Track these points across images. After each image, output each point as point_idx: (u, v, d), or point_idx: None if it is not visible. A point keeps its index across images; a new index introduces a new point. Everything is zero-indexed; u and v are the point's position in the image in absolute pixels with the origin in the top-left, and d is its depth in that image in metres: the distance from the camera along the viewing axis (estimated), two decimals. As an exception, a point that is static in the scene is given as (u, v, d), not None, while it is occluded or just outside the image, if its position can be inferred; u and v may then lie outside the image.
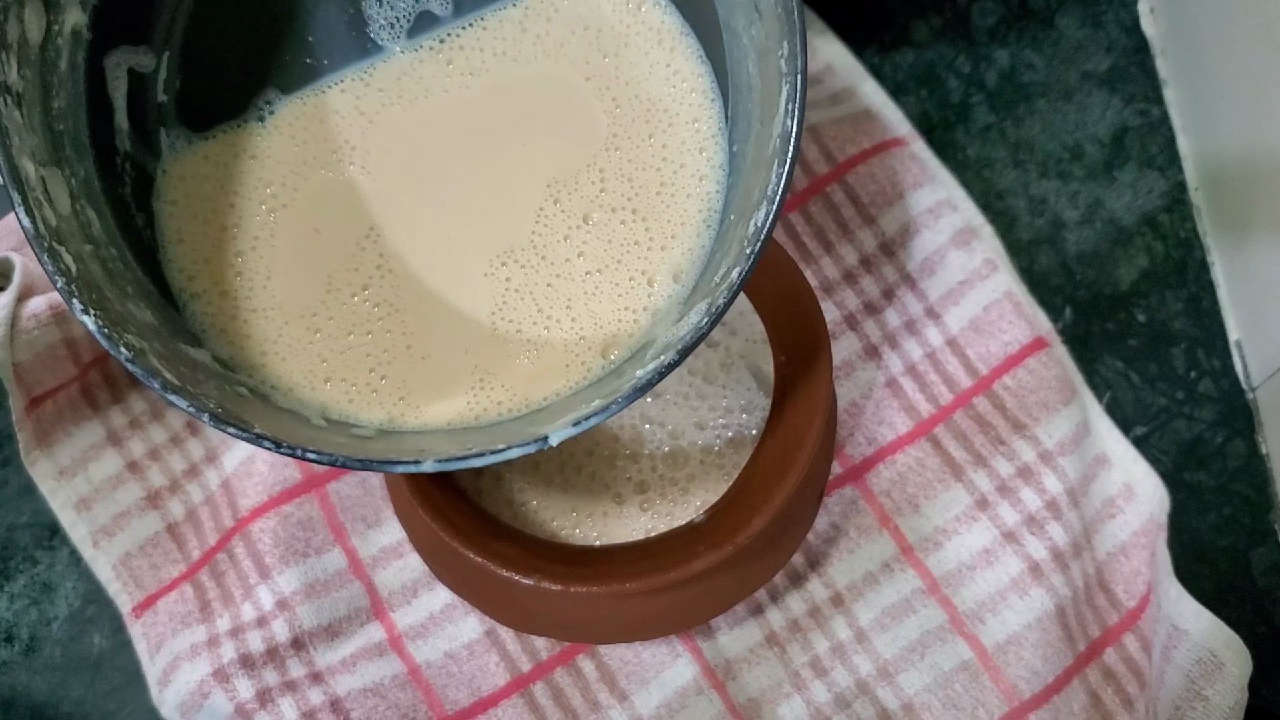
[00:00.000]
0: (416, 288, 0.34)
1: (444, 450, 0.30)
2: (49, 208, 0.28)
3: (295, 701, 0.41)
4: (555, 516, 0.39)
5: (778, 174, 0.29)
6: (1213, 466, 0.45)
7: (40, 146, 0.29)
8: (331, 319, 0.34)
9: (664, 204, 0.35)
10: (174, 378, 0.29)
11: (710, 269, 0.33)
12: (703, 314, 0.29)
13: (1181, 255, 0.48)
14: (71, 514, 0.44)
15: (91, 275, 0.29)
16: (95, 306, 0.28)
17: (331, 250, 0.35)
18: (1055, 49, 0.50)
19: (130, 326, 0.29)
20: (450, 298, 0.34)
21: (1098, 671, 0.42)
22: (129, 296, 0.31)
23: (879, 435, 0.44)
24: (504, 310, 0.34)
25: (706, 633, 0.42)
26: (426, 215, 0.35)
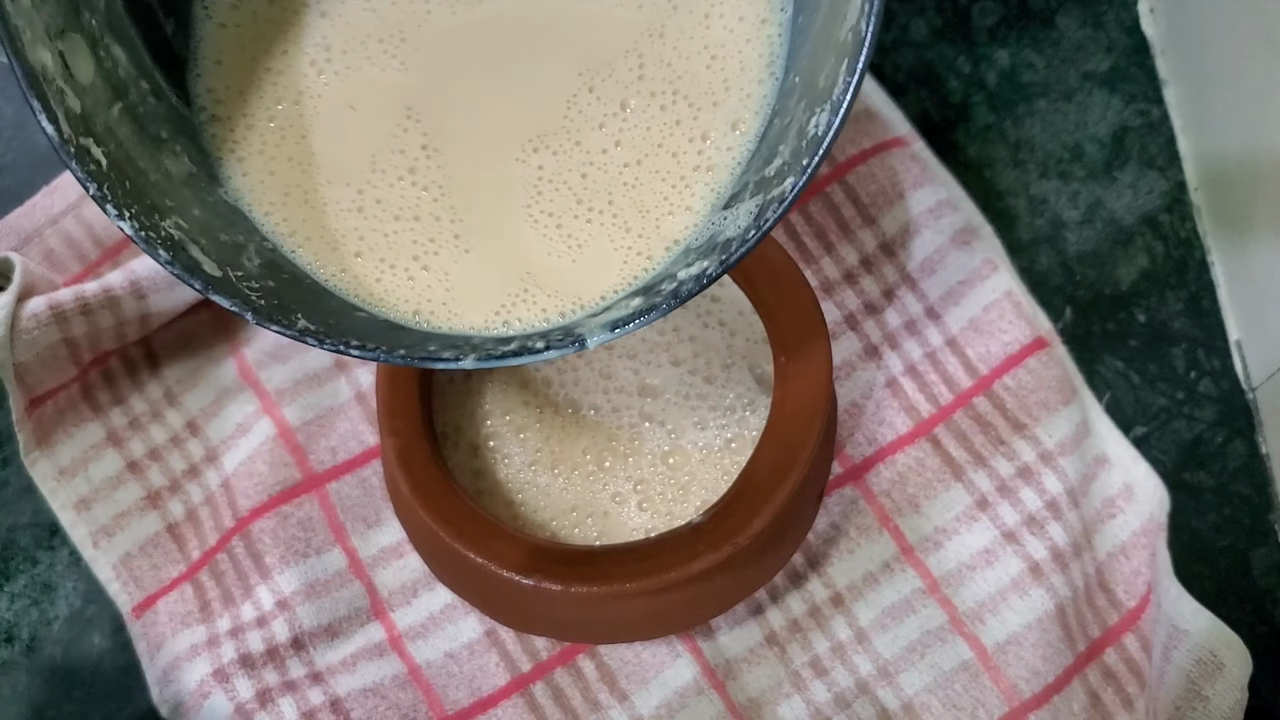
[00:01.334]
0: (462, 172, 0.33)
1: (483, 347, 0.28)
2: (71, 94, 0.27)
3: (295, 701, 0.41)
4: (555, 516, 0.39)
5: (845, 79, 0.27)
6: (1213, 467, 0.45)
7: (54, 13, 0.27)
8: (379, 201, 0.32)
9: (716, 69, 0.33)
10: (214, 268, 0.28)
11: (766, 145, 0.31)
12: (750, 221, 0.28)
13: (1182, 255, 0.48)
14: (72, 514, 0.44)
15: (123, 156, 0.28)
16: (130, 200, 0.27)
17: (373, 128, 0.33)
18: (1055, 49, 0.50)
19: (166, 211, 0.28)
20: (489, 187, 0.33)
21: (1098, 671, 0.42)
22: (163, 144, 0.30)
23: (879, 435, 0.44)
24: (540, 201, 0.32)
25: (706, 633, 0.42)
26: (465, 98, 0.33)
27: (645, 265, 0.32)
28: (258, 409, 0.44)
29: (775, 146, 0.30)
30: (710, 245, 0.30)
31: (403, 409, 0.37)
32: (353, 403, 0.44)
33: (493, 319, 0.32)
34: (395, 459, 0.36)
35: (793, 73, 0.31)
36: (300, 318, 0.28)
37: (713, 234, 0.30)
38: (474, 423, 0.40)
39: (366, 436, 0.44)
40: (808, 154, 0.27)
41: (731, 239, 0.28)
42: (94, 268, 0.46)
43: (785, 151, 0.29)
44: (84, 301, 0.42)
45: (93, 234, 0.46)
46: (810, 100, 0.29)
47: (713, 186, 0.32)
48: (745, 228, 0.28)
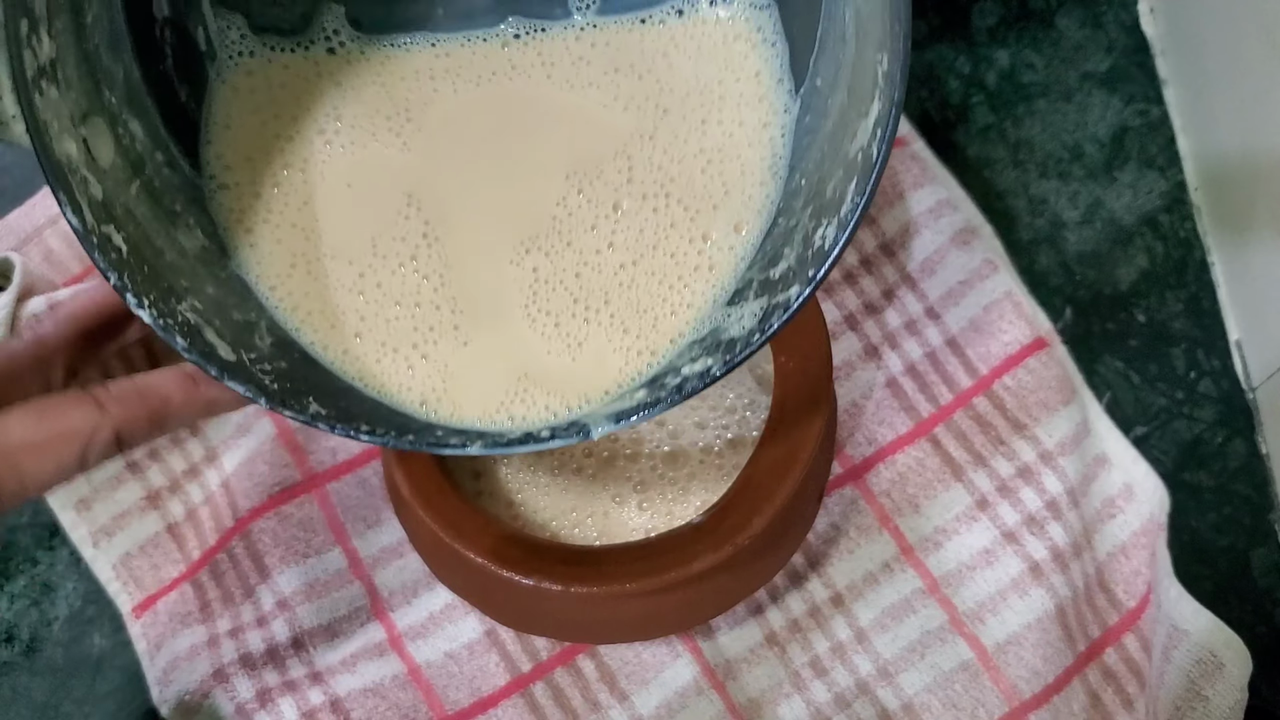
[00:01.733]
0: (462, 265, 0.33)
1: (489, 435, 0.29)
2: (93, 180, 0.28)
3: (295, 701, 0.41)
4: (555, 517, 0.39)
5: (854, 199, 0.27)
6: (1213, 466, 0.45)
7: (79, 98, 0.28)
8: (379, 285, 0.33)
9: (713, 173, 0.33)
10: (229, 351, 0.28)
11: (771, 244, 0.31)
12: (755, 324, 0.28)
13: (1181, 255, 0.48)
14: (71, 514, 0.44)
15: (141, 237, 0.28)
16: (148, 286, 0.27)
17: (375, 210, 0.33)
18: (1055, 49, 0.50)
19: (182, 293, 0.29)
20: (487, 284, 0.33)
21: (1098, 671, 0.42)
22: (177, 219, 0.30)
23: (879, 435, 0.44)
24: (536, 301, 0.33)
25: (706, 633, 0.42)
26: (463, 190, 0.34)
27: (648, 360, 0.32)
28: (258, 409, 0.44)
29: (780, 248, 0.30)
30: (715, 341, 0.30)
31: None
32: (353, 403, 0.44)
33: (495, 414, 0.32)
34: (395, 459, 0.36)
35: (799, 173, 0.31)
36: (312, 401, 0.29)
37: (716, 328, 0.31)
38: None
39: (366, 436, 0.44)
40: (814, 265, 0.27)
41: (736, 339, 0.29)
42: (93, 269, 0.46)
43: (790, 256, 0.29)
44: (84, 301, 0.42)
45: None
46: (817, 209, 0.29)
47: (714, 284, 0.32)
48: (750, 330, 0.29)
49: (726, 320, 0.30)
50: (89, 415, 0.27)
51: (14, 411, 0.27)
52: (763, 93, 0.33)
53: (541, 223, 0.33)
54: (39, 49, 0.26)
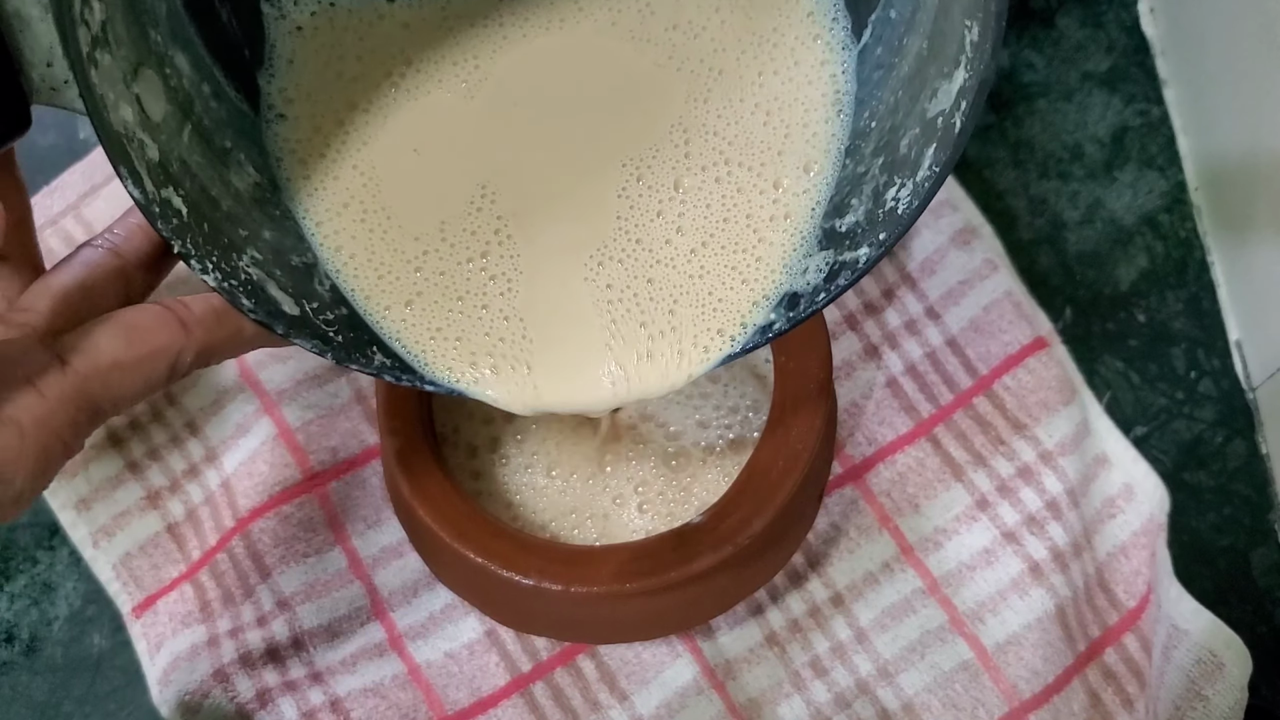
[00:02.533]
0: (533, 274, 0.32)
1: None
2: (149, 141, 0.28)
3: (295, 701, 0.41)
4: (555, 517, 0.39)
5: (931, 168, 0.26)
6: (1213, 466, 0.45)
7: (129, 52, 0.28)
8: (442, 274, 0.32)
9: (774, 124, 0.32)
10: (293, 305, 0.29)
11: (839, 192, 0.30)
12: (821, 281, 0.27)
13: (1181, 255, 0.48)
14: (71, 514, 0.44)
15: (199, 192, 0.28)
16: (210, 245, 0.28)
17: (446, 194, 0.32)
18: (1055, 49, 0.50)
19: (242, 245, 0.29)
20: (559, 303, 0.32)
21: (1098, 671, 0.42)
22: (229, 156, 0.30)
23: (879, 435, 0.44)
24: (615, 323, 0.32)
25: (706, 633, 0.42)
26: (531, 178, 0.33)
27: (721, 344, 0.31)
28: (258, 409, 0.44)
29: (848, 197, 0.30)
30: (779, 297, 0.30)
31: (402, 409, 0.37)
32: (353, 402, 0.44)
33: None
34: (395, 459, 0.36)
35: (868, 112, 0.31)
36: (376, 353, 0.29)
37: (783, 287, 0.30)
38: (472, 423, 0.40)
39: (367, 436, 0.44)
40: (885, 228, 0.27)
41: (800, 295, 0.28)
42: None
43: (859, 210, 0.29)
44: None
45: (93, 234, 0.46)
46: (890, 162, 0.28)
47: (792, 233, 0.31)
48: (815, 287, 0.28)
49: (795, 277, 0.30)
50: (175, 336, 0.28)
51: (102, 330, 0.27)
52: (817, 31, 0.32)
53: (607, 222, 0.32)
54: (91, 19, 0.26)
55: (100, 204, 0.47)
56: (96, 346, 0.27)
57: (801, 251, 0.31)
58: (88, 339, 0.27)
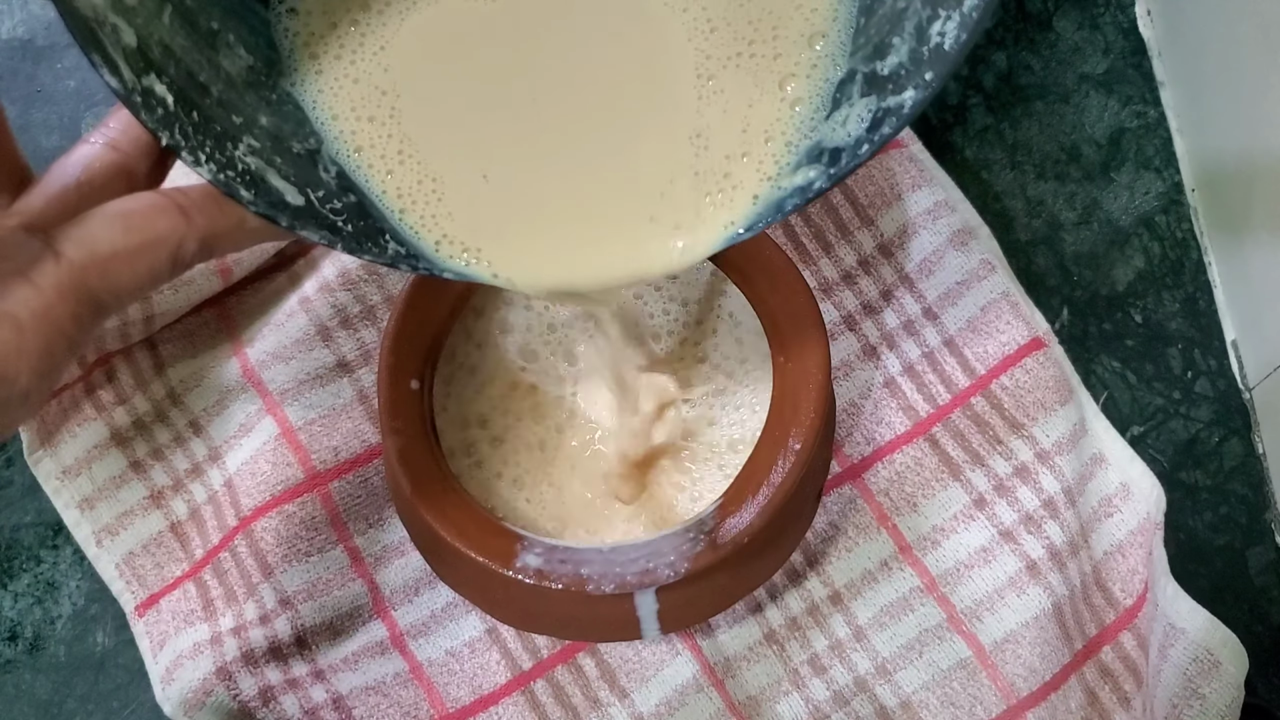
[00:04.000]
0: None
1: None
2: (124, 25, 0.26)
3: (298, 699, 0.42)
4: (555, 517, 0.39)
5: None
6: (1209, 466, 0.46)
7: None
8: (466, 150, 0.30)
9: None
10: (296, 195, 0.28)
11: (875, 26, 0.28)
12: (863, 131, 0.26)
13: (1178, 256, 0.48)
14: (75, 513, 0.44)
15: (185, 78, 0.27)
16: (202, 136, 0.26)
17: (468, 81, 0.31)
18: (1053, 51, 0.50)
19: (238, 132, 0.28)
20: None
21: (1095, 669, 0.42)
22: (217, 39, 0.28)
23: (877, 435, 0.44)
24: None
25: (706, 631, 0.42)
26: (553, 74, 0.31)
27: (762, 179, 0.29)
28: (260, 409, 0.44)
29: (888, 36, 0.27)
30: (818, 150, 0.28)
31: (404, 409, 0.37)
32: (355, 402, 0.44)
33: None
34: (396, 458, 0.36)
35: None
36: (389, 241, 0.27)
37: (820, 140, 0.28)
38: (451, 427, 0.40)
39: (368, 436, 0.44)
40: (931, 66, 0.25)
41: (841, 149, 0.27)
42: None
43: (902, 50, 0.27)
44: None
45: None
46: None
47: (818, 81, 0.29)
48: (857, 137, 0.26)
49: (830, 128, 0.28)
50: (175, 224, 0.26)
51: (97, 219, 0.26)
52: None
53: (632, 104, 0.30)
54: None
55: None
56: (92, 235, 0.25)
57: (832, 85, 0.28)
58: (82, 228, 0.25)
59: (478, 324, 0.40)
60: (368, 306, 0.45)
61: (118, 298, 0.25)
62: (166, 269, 0.26)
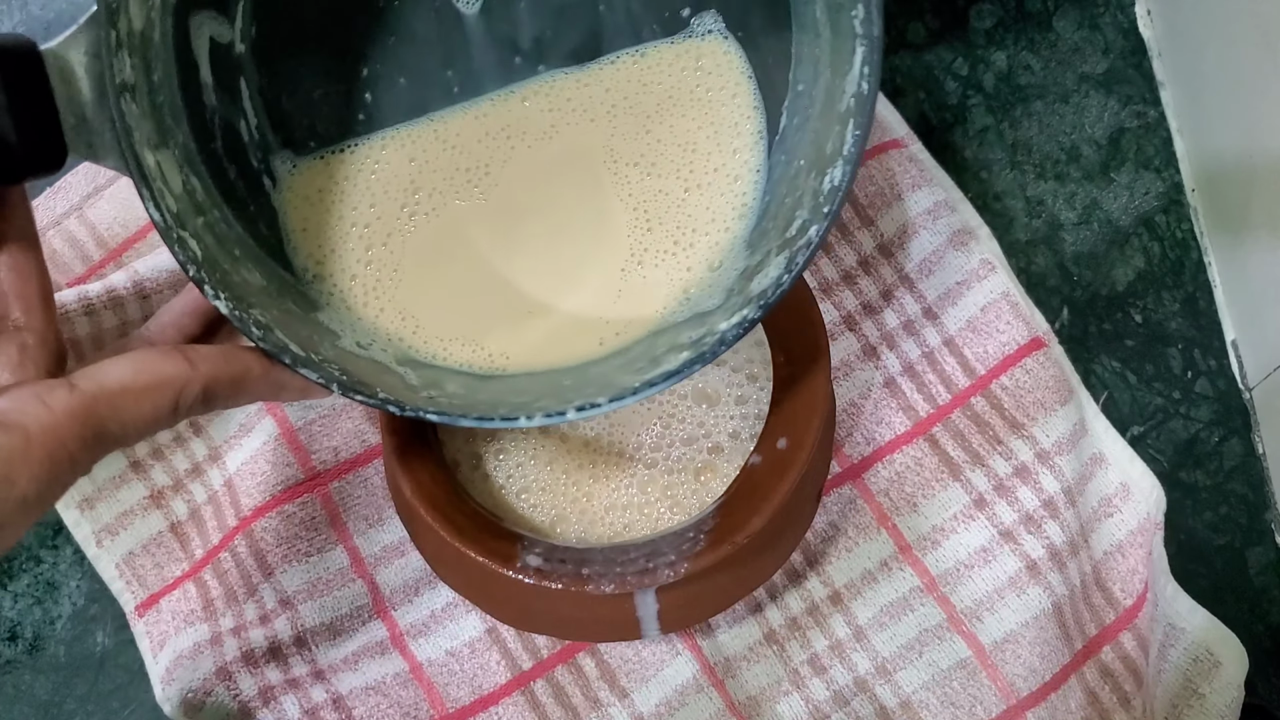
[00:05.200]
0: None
1: (537, 404, 0.32)
2: (168, 194, 0.30)
3: (298, 699, 0.42)
4: (554, 516, 0.39)
5: (854, 135, 0.30)
6: (1209, 466, 0.46)
7: (152, 130, 0.30)
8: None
9: (693, 204, 0.37)
10: (299, 349, 0.31)
11: (790, 198, 0.34)
12: (783, 268, 0.31)
13: (1178, 256, 0.48)
14: (75, 513, 0.44)
15: (210, 251, 0.31)
16: (222, 287, 0.30)
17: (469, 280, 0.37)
18: (1053, 51, 0.50)
19: (253, 300, 0.31)
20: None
21: (1095, 669, 0.42)
22: (238, 260, 0.32)
23: (877, 435, 0.44)
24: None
25: (706, 631, 0.42)
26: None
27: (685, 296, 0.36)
28: (260, 408, 0.44)
29: (791, 214, 0.33)
30: (745, 298, 0.32)
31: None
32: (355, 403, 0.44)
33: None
34: (395, 457, 0.36)
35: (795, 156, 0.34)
36: (380, 390, 0.31)
37: (745, 289, 0.33)
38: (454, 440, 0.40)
39: (368, 436, 0.44)
40: (827, 203, 0.30)
41: (766, 289, 0.31)
42: (97, 269, 0.46)
43: (804, 212, 0.32)
44: (88, 302, 0.43)
45: (96, 235, 0.47)
46: (819, 169, 0.32)
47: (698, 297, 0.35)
48: (778, 277, 0.31)
49: (752, 282, 0.33)
50: (181, 368, 0.29)
51: (112, 360, 0.28)
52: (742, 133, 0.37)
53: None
54: (121, 66, 0.29)
55: (104, 205, 0.47)
56: (104, 371, 0.28)
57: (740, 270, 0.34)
58: (96, 367, 0.28)
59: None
60: (368, 306, 0.45)
61: (124, 430, 0.28)
62: (169, 409, 0.29)
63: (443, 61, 0.37)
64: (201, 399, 0.30)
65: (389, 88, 0.37)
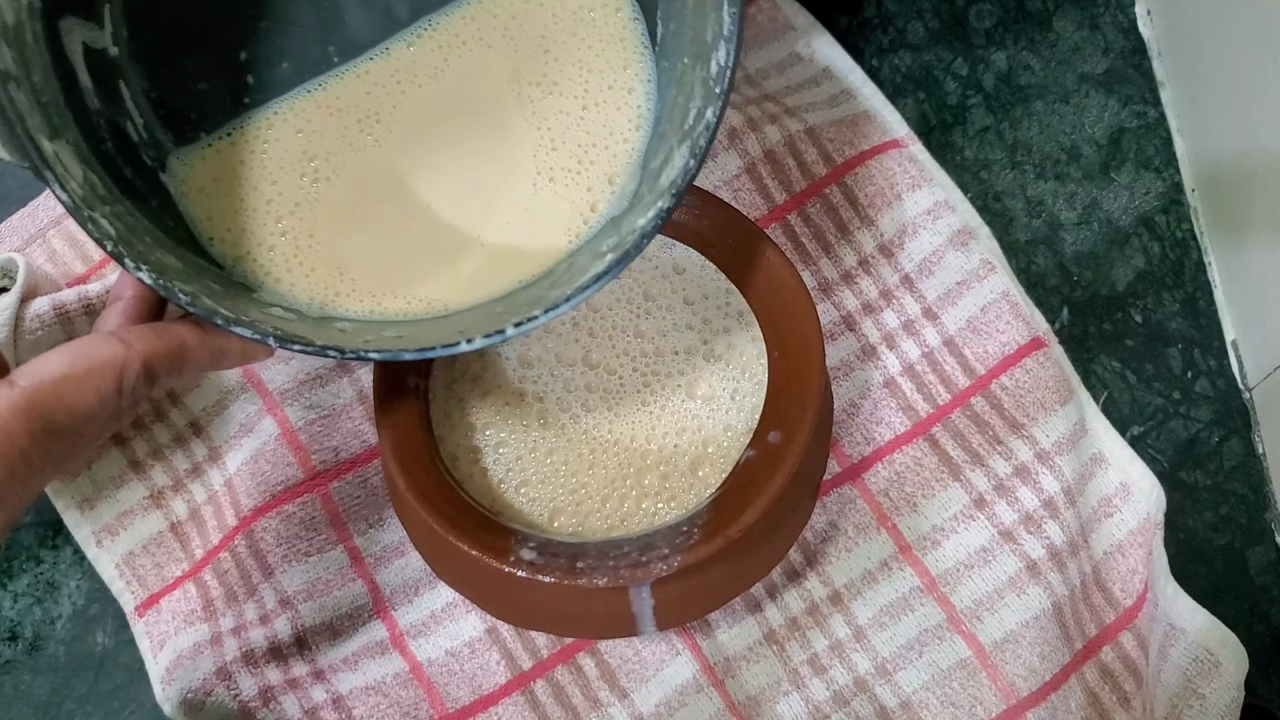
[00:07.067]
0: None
1: (475, 328, 0.33)
2: (71, 180, 0.30)
3: (298, 699, 0.42)
4: (551, 513, 0.39)
5: (730, 14, 0.31)
6: (1209, 466, 0.46)
7: (42, 123, 0.31)
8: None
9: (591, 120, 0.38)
10: (230, 312, 0.31)
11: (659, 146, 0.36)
12: (687, 156, 0.32)
13: (1178, 256, 0.48)
14: (75, 513, 0.44)
15: (124, 233, 0.31)
16: (142, 260, 0.30)
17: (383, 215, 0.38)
18: (1052, 51, 0.50)
19: (175, 276, 0.31)
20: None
21: (1095, 669, 0.42)
22: (150, 246, 0.33)
23: (877, 435, 0.44)
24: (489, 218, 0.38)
25: (706, 631, 0.42)
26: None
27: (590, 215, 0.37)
28: (260, 409, 0.44)
29: (686, 109, 0.34)
30: (658, 190, 0.33)
31: (399, 405, 0.37)
32: (355, 402, 0.44)
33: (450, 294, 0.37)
34: (391, 454, 0.36)
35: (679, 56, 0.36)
36: (317, 339, 0.32)
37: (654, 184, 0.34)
38: (455, 434, 0.40)
39: (368, 436, 0.44)
40: (718, 84, 0.32)
41: (675, 179, 0.32)
42: (98, 269, 0.46)
43: (697, 101, 0.33)
44: (88, 302, 0.43)
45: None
46: (703, 57, 0.33)
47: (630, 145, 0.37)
48: (684, 165, 0.32)
49: (660, 178, 0.34)
50: (116, 349, 0.30)
51: (48, 353, 0.29)
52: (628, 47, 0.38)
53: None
54: (2, 56, 0.29)
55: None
56: (41, 365, 0.29)
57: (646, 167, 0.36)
58: (33, 363, 0.29)
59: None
60: (368, 306, 0.45)
61: (72, 418, 0.29)
62: (112, 391, 0.30)
63: (321, 37, 0.38)
64: (145, 376, 0.31)
65: (270, 70, 0.38)
